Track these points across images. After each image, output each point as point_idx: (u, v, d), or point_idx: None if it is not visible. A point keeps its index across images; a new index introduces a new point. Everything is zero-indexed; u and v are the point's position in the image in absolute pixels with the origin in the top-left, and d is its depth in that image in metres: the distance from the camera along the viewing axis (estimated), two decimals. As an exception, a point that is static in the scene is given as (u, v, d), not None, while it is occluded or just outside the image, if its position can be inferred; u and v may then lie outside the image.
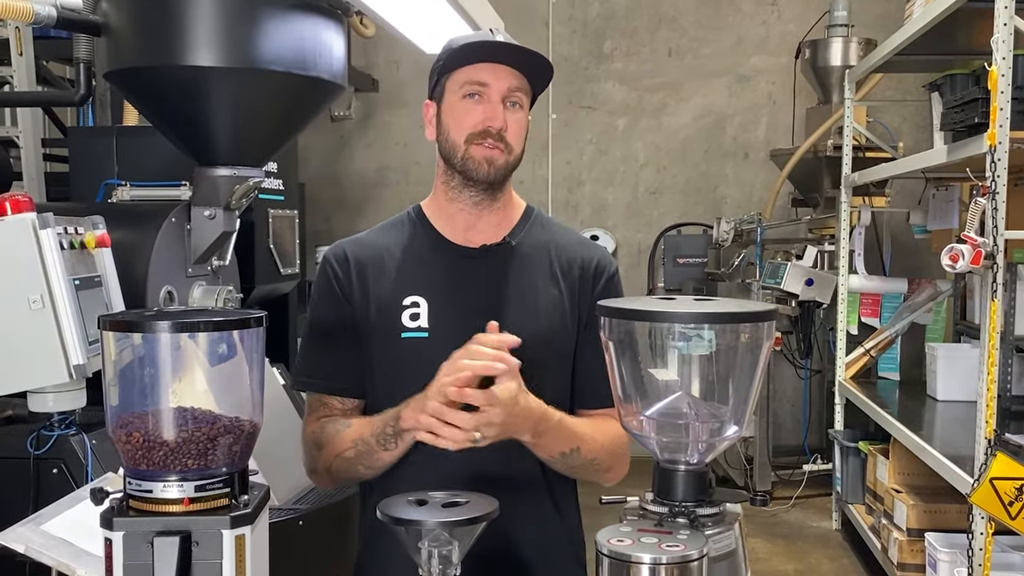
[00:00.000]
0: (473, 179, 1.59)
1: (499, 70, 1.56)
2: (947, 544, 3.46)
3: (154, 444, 1.13)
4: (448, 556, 1.15)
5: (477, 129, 1.56)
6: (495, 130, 1.55)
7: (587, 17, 6.59)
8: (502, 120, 1.56)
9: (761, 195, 6.37)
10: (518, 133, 1.58)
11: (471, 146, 1.57)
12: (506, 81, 1.56)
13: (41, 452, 2.20)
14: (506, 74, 1.56)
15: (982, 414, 2.97)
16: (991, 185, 2.86)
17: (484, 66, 1.56)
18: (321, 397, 1.65)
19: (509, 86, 1.56)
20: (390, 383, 1.59)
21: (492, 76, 1.55)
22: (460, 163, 1.59)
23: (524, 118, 1.60)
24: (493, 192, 1.62)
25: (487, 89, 1.56)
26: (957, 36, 3.83)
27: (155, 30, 2.40)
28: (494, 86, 1.56)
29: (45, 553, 1.70)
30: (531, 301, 1.61)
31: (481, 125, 1.56)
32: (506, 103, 1.56)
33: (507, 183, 1.65)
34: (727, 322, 1.24)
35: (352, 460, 1.56)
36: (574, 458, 1.56)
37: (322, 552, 2.51)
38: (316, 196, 6.49)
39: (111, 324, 1.16)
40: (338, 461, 1.58)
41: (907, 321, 4.89)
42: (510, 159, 1.59)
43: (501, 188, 1.64)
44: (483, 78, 1.56)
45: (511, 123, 1.57)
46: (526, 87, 1.59)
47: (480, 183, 1.59)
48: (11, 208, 2.09)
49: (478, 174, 1.58)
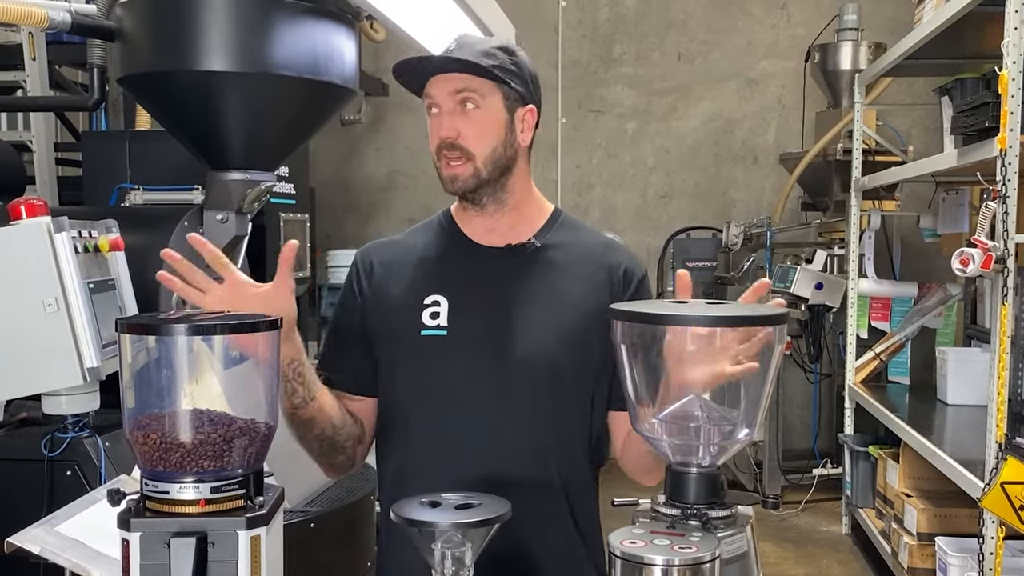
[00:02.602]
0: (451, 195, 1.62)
1: (440, 80, 1.55)
2: (958, 548, 3.45)
3: (171, 446, 1.14)
4: (461, 557, 1.15)
5: (436, 144, 1.57)
6: (446, 140, 1.55)
7: (596, 21, 6.60)
8: (448, 128, 1.55)
9: (771, 199, 6.36)
10: (476, 134, 1.56)
11: (440, 164, 1.59)
12: (447, 86, 1.55)
13: (55, 454, 2.21)
14: (447, 81, 1.55)
15: (992, 418, 2.97)
16: (1001, 189, 2.86)
17: (432, 80, 1.56)
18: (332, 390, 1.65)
19: (450, 90, 1.55)
20: (410, 381, 1.60)
21: (435, 88, 1.56)
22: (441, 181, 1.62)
23: (487, 115, 1.56)
24: (492, 195, 1.61)
25: (435, 102, 1.57)
26: (967, 40, 3.83)
27: (169, 35, 2.41)
28: (438, 96, 1.56)
29: (60, 554, 1.71)
30: (554, 302, 1.61)
31: (436, 140, 1.57)
32: (458, 108, 1.55)
33: (509, 182, 1.62)
34: (740, 326, 1.25)
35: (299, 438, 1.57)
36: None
37: (333, 554, 2.52)
38: (326, 200, 6.51)
39: (129, 327, 1.17)
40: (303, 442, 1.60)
41: (917, 325, 4.88)
42: (476, 164, 1.57)
43: (498, 189, 1.61)
44: (430, 92, 1.57)
45: (463, 126, 1.55)
46: (479, 85, 1.55)
47: (459, 197, 1.62)
48: (26, 212, 2.11)
49: (448, 190, 1.60)
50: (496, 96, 1.57)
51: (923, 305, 4.90)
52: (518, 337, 1.58)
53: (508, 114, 1.58)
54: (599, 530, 1.70)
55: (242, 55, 2.39)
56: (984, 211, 3.01)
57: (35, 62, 4.36)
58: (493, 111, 1.57)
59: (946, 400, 4.32)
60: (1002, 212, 2.87)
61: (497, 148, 1.58)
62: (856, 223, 4.90)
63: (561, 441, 1.60)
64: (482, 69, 1.54)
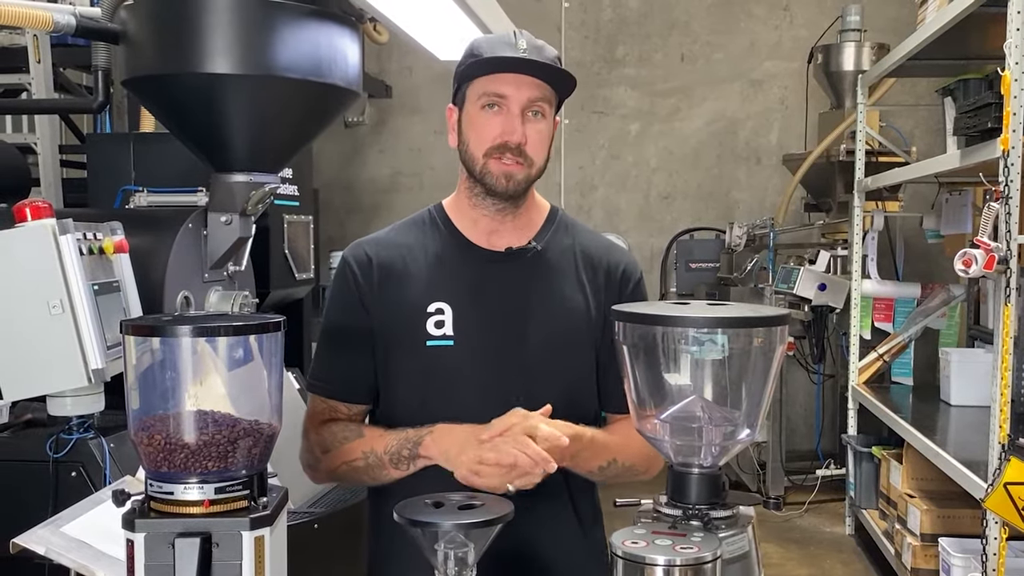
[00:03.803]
0: (492, 192, 1.57)
1: (520, 80, 1.51)
2: (961, 549, 3.45)
3: (175, 447, 1.15)
4: (464, 558, 1.16)
5: (495, 143, 1.53)
6: (514, 144, 1.52)
7: (599, 22, 6.60)
8: (521, 134, 1.52)
9: (773, 200, 6.36)
10: (539, 144, 1.55)
11: (490, 160, 1.54)
12: (526, 92, 1.52)
13: (60, 455, 2.22)
14: (527, 85, 1.51)
15: (996, 419, 2.97)
16: (1004, 190, 2.86)
17: (504, 76, 1.51)
18: (326, 400, 1.65)
19: (529, 97, 1.52)
20: (414, 391, 1.58)
21: (512, 88, 1.51)
22: (479, 175, 1.56)
23: (547, 128, 1.56)
24: (516, 201, 1.60)
25: (506, 101, 1.52)
26: (970, 41, 3.82)
27: (173, 38, 2.43)
28: (513, 98, 1.52)
29: (65, 555, 1.71)
30: (556, 305, 1.61)
31: (500, 139, 1.52)
32: (526, 113, 1.52)
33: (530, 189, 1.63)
34: (742, 327, 1.25)
35: (360, 470, 1.57)
36: (612, 469, 1.57)
37: (336, 555, 2.53)
38: (330, 202, 6.52)
39: (134, 328, 1.17)
40: (344, 468, 1.58)
41: (920, 326, 4.88)
42: (531, 172, 1.56)
43: (525, 196, 1.62)
44: (502, 90, 1.52)
45: (531, 135, 1.53)
46: (548, 95, 1.54)
47: (500, 196, 1.57)
48: (31, 214, 2.11)
49: (496, 188, 1.56)
50: (552, 109, 1.57)
51: (926, 306, 4.89)
52: (524, 344, 1.57)
53: (552, 127, 1.59)
54: (602, 530, 1.71)
55: (246, 58, 2.40)
56: (987, 212, 3.01)
57: (40, 65, 4.37)
58: (550, 123, 1.57)
59: (949, 401, 4.32)
60: (1005, 213, 2.87)
61: (546, 159, 1.59)
62: (859, 224, 4.90)
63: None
64: (566, 82, 1.55)
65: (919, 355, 5.03)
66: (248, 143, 2.59)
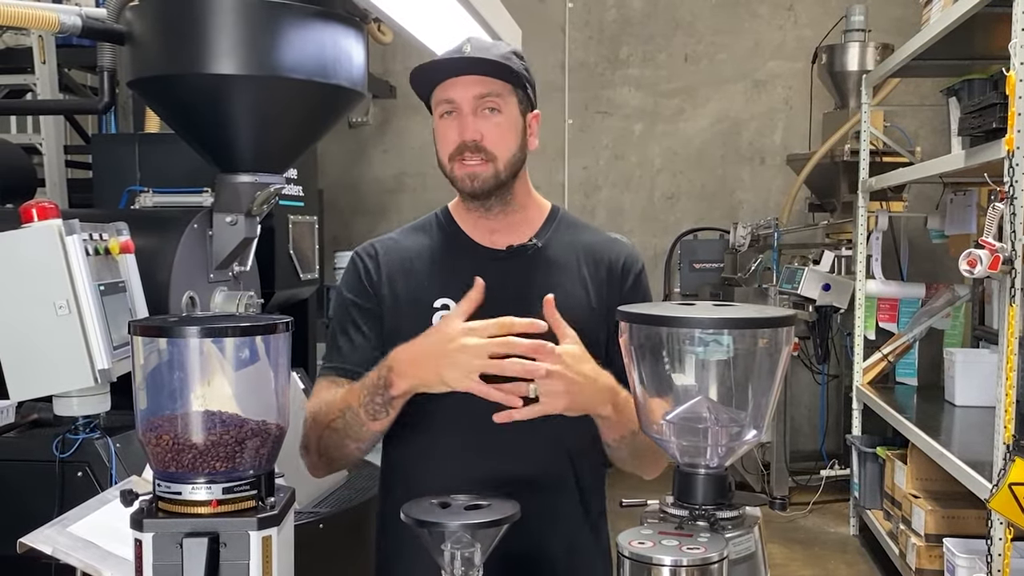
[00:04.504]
0: (465, 194, 1.61)
1: (464, 81, 1.56)
2: (965, 550, 3.44)
3: (183, 447, 1.15)
4: (471, 558, 1.16)
5: (454, 145, 1.57)
6: (469, 141, 1.56)
7: (603, 23, 6.60)
8: (472, 131, 1.56)
9: (778, 200, 6.36)
10: (498, 138, 1.58)
11: (454, 164, 1.58)
12: (472, 90, 1.56)
13: (66, 455, 2.22)
14: (471, 83, 1.56)
15: (1000, 419, 2.97)
16: (1009, 190, 2.86)
17: (451, 82, 1.57)
18: (331, 377, 1.64)
19: (475, 94, 1.56)
20: None
21: (458, 89, 1.56)
22: (452, 182, 1.61)
23: (507, 119, 1.59)
24: (501, 198, 1.63)
25: (455, 104, 1.57)
26: (975, 41, 3.82)
27: (178, 39, 2.43)
28: (460, 98, 1.56)
29: (71, 555, 1.72)
30: (560, 301, 1.61)
31: (457, 140, 1.57)
32: (480, 111, 1.56)
33: (515, 185, 1.64)
34: (748, 327, 1.25)
35: (340, 433, 1.54)
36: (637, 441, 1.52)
37: (342, 555, 2.53)
38: (334, 202, 6.53)
39: (142, 329, 1.18)
40: (327, 435, 1.56)
41: (925, 326, 4.87)
42: (497, 167, 1.58)
43: (507, 192, 1.63)
44: (449, 95, 1.57)
45: (487, 129, 1.56)
46: (500, 88, 1.57)
47: (472, 197, 1.61)
48: (38, 215, 2.12)
49: (465, 189, 1.60)
50: (513, 100, 1.60)
51: (931, 306, 4.89)
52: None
53: (522, 118, 1.62)
54: (607, 530, 1.71)
55: (251, 58, 2.41)
56: (991, 212, 3.01)
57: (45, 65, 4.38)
58: (512, 115, 1.60)
59: (954, 401, 4.32)
60: (1010, 213, 2.86)
61: (515, 152, 1.61)
62: (863, 224, 4.90)
63: (574, 441, 1.61)
64: (510, 72, 1.56)
65: (923, 355, 5.03)
66: (253, 143, 2.59)
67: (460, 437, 1.59)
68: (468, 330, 1.41)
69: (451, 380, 1.41)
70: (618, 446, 1.56)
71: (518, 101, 1.61)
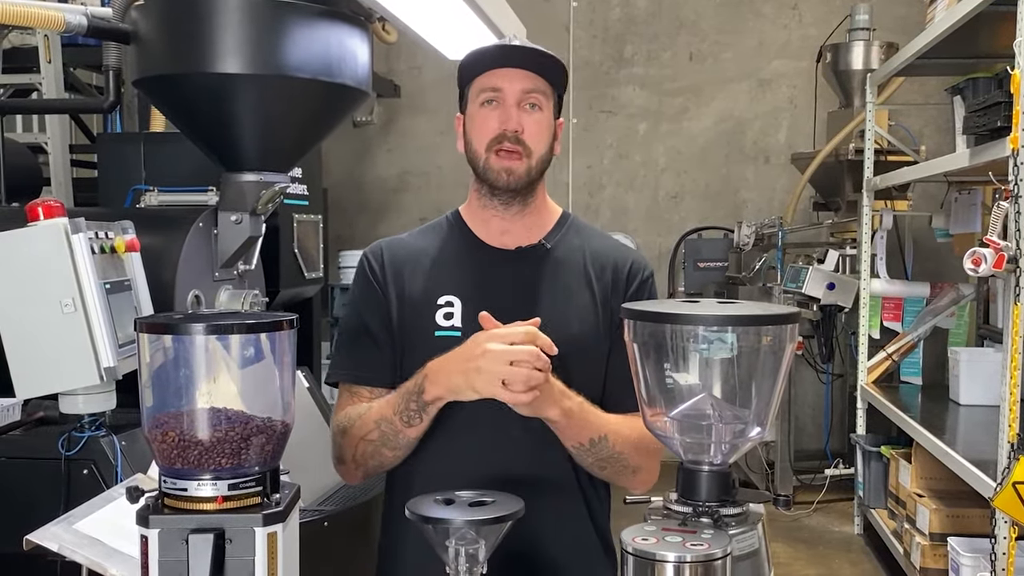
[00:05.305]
0: (495, 188, 1.62)
1: (512, 74, 1.59)
2: (970, 549, 3.44)
3: (189, 444, 1.15)
4: (475, 554, 1.17)
5: (494, 134, 1.59)
6: (511, 132, 1.58)
7: (608, 22, 6.60)
8: (516, 122, 1.58)
9: (782, 199, 6.36)
10: (537, 134, 1.60)
11: (491, 155, 1.59)
12: (519, 83, 1.58)
13: (72, 453, 2.23)
14: (519, 77, 1.58)
15: (1005, 418, 2.96)
16: (1014, 189, 2.86)
17: (498, 72, 1.59)
18: (351, 387, 1.66)
19: (523, 88, 1.59)
20: None
21: (505, 80, 1.59)
22: (482, 172, 1.62)
23: (545, 119, 1.62)
24: (524, 198, 1.65)
25: (501, 94, 1.59)
26: (979, 39, 3.82)
27: (183, 38, 2.44)
28: (507, 89, 1.58)
29: (77, 552, 1.72)
30: (564, 304, 1.63)
31: (497, 130, 1.58)
32: (523, 106, 1.59)
33: (538, 186, 1.67)
34: (752, 325, 1.26)
35: (377, 443, 1.56)
36: (602, 448, 1.55)
37: (346, 552, 2.54)
38: (339, 201, 6.53)
39: (148, 327, 1.18)
40: (363, 446, 1.58)
41: (929, 325, 4.87)
42: (531, 163, 1.60)
43: (531, 193, 1.65)
44: (496, 83, 1.59)
45: (528, 124, 1.59)
46: (544, 88, 1.61)
47: (504, 192, 1.62)
48: (44, 213, 2.13)
49: (498, 183, 1.61)
50: (550, 104, 1.64)
51: (935, 305, 4.89)
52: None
53: (553, 122, 1.65)
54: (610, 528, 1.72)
55: (256, 57, 2.41)
56: (996, 211, 3.01)
57: (50, 65, 4.40)
58: (548, 116, 1.63)
59: (958, 400, 4.31)
60: (1014, 212, 2.86)
61: (545, 153, 1.63)
62: (868, 223, 4.90)
63: None
64: (558, 74, 1.61)
65: (928, 354, 5.03)
66: (258, 143, 2.60)
67: (464, 437, 1.59)
68: (492, 336, 1.43)
69: (480, 386, 1.43)
70: (579, 453, 1.57)
71: (553, 105, 1.64)
